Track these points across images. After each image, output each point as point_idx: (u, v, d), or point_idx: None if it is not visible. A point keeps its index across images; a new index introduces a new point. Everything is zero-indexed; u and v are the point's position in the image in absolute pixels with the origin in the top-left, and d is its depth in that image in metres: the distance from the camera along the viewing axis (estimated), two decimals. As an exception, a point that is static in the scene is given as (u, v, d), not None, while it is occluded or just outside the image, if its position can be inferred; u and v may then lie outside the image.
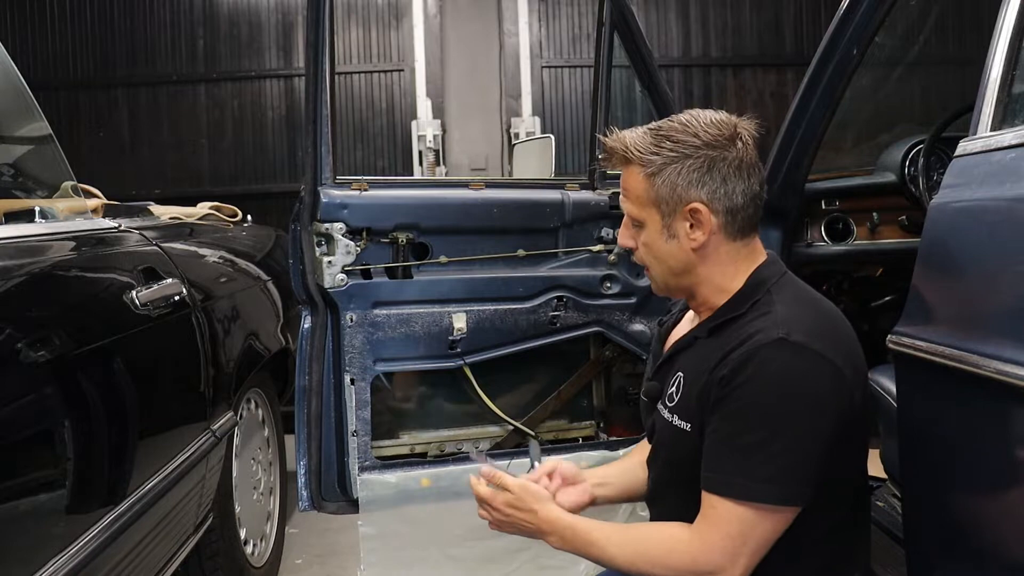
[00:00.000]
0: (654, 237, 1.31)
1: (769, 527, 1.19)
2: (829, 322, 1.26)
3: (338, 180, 1.98)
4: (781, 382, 1.18)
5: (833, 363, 1.19)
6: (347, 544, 2.80)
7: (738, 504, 1.19)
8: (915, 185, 2.36)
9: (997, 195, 1.17)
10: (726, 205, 1.27)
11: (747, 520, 1.19)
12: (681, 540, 1.24)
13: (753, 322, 1.24)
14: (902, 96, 5.44)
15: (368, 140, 5.74)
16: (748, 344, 1.20)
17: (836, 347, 1.21)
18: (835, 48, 1.94)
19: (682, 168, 1.26)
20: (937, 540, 1.33)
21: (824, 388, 1.19)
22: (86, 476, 1.45)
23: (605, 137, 1.34)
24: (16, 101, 1.80)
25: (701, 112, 1.30)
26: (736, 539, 1.19)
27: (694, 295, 1.35)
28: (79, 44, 5.70)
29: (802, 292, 1.31)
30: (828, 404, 1.19)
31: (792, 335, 1.19)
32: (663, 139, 1.28)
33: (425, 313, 2.03)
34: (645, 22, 5.69)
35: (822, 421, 1.18)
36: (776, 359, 1.18)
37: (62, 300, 1.56)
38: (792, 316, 1.22)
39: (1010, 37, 1.27)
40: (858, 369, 1.25)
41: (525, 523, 1.35)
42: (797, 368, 1.18)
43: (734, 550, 1.19)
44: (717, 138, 1.26)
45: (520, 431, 2.17)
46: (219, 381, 2.13)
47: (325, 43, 1.90)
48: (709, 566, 1.21)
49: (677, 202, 1.27)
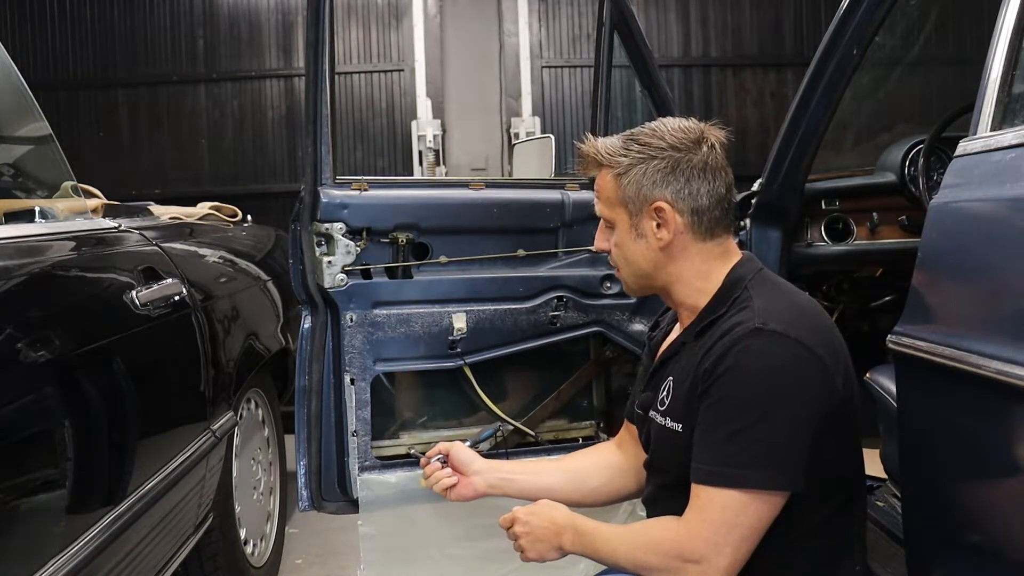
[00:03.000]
0: (624, 237, 1.37)
1: (754, 515, 1.21)
2: (806, 312, 1.30)
3: (338, 180, 1.98)
4: (760, 369, 1.21)
5: (812, 350, 1.22)
6: (347, 544, 2.80)
7: (721, 491, 1.21)
8: (915, 185, 2.36)
9: (997, 195, 1.17)
10: (691, 205, 1.31)
11: (730, 508, 1.21)
12: (669, 530, 1.26)
13: (733, 316, 1.27)
14: (902, 96, 5.44)
15: (368, 140, 5.74)
16: (728, 336, 1.24)
17: (814, 335, 1.24)
18: (835, 48, 1.94)
19: (647, 168, 1.32)
20: (937, 540, 1.33)
21: (803, 373, 1.21)
22: (86, 476, 1.45)
23: (580, 144, 1.40)
24: (16, 101, 1.80)
25: (671, 119, 1.37)
26: (720, 527, 1.21)
27: (669, 295, 1.39)
28: (79, 44, 5.70)
29: (779, 286, 1.35)
30: (808, 389, 1.21)
31: (769, 324, 1.22)
32: (631, 142, 1.34)
33: (425, 313, 2.03)
34: (645, 22, 5.69)
35: (803, 406, 1.21)
36: (755, 347, 1.21)
37: (62, 300, 1.56)
38: (770, 307, 1.26)
39: (1010, 37, 1.27)
40: (838, 357, 1.27)
41: (543, 527, 1.36)
42: (776, 355, 1.21)
43: (718, 539, 1.21)
44: (682, 140, 1.32)
45: (520, 431, 2.17)
46: (219, 381, 2.13)
47: (325, 43, 1.91)
48: (694, 555, 1.22)
49: (643, 201, 1.32)
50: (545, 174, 2.73)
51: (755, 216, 2.18)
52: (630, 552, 1.29)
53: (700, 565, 1.22)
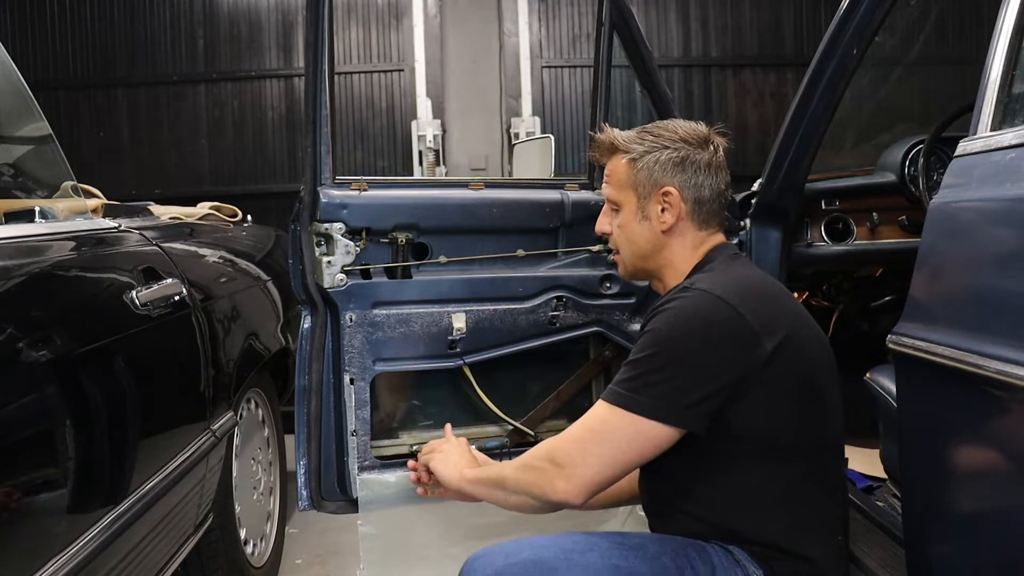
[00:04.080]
0: (629, 218, 1.48)
1: (629, 437, 1.29)
2: (751, 285, 1.38)
3: (337, 180, 1.98)
4: (675, 313, 1.32)
5: (734, 308, 1.30)
6: (347, 544, 2.80)
7: (607, 406, 1.31)
8: (915, 185, 2.36)
9: (997, 195, 1.17)
10: (694, 195, 1.45)
11: (608, 422, 1.30)
12: (551, 439, 1.38)
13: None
14: (902, 96, 5.44)
15: (368, 140, 5.74)
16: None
17: (746, 300, 1.32)
18: (835, 48, 1.94)
19: (660, 156, 1.45)
20: (937, 540, 1.33)
21: (716, 322, 1.29)
22: (86, 476, 1.45)
23: (596, 133, 1.53)
24: (16, 101, 1.80)
25: (682, 120, 1.53)
26: (594, 437, 1.31)
27: (660, 278, 1.50)
28: (79, 44, 5.70)
29: (739, 267, 1.45)
30: (720, 340, 1.29)
31: (697, 283, 1.36)
32: (646, 133, 1.48)
33: (425, 313, 2.03)
34: (645, 22, 5.69)
35: (709, 353, 1.28)
36: (677, 300, 1.34)
37: (62, 300, 1.56)
38: (710, 277, 1.38)
39: (1010, 37, 1.27)
40: (772, 325, 1.31)
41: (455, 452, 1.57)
42: (691, 304, 1.32)
43: (587, 447, 1.30)
44: (693, 137, 1.46)
45: (520, 431, 2.17)
46: (219, 381, 2.13)
47: (324, 43, 1.90)
48: (563, 457, 1.31)
49: (653, 185, 1.45)
50: (545, 174, 2.73)
51: (755, 216, 2.18)
52: (516, 470, 1.39)
53: (565, 470, 1.30)
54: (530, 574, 1.26)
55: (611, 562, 1.28)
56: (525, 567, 1.27)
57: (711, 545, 1.33)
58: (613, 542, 1.32)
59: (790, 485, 1.34)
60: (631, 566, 1.28)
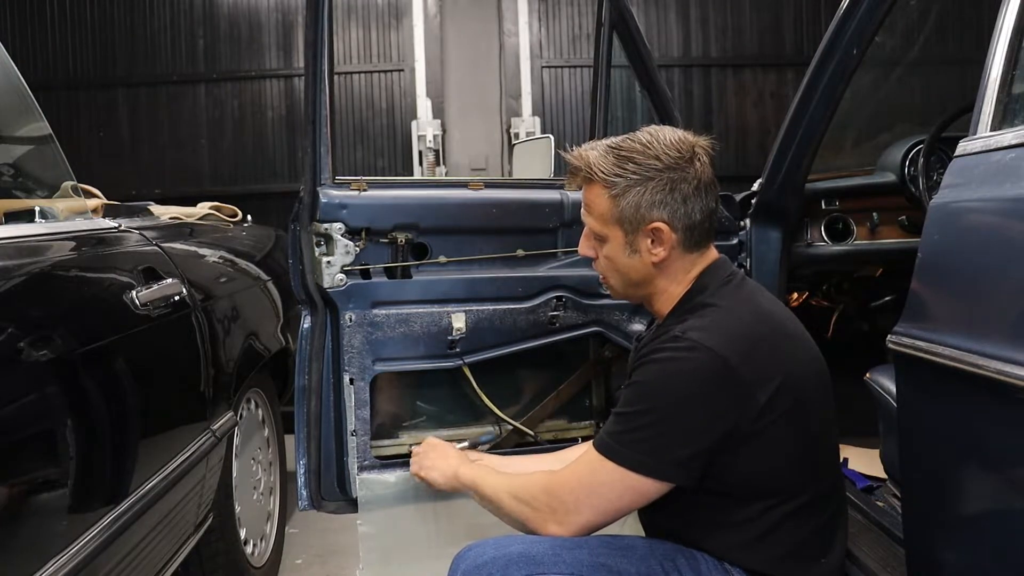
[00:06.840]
0: (616, 252, 1.41)
1: (618, 490, 1.30)
2: (746, 329, 1.32)
3: (337, 180, 1.98)
4: (665, 367, 1.29)
5: (726, 361, 1.26)
6: (347, 544, 2.80)
7: (598, 457, 1.31)
8: (915, 185, 2.36)
9: (997, 195, 1.17)
10: (685, 223, 1.36)
11: (599, 474, 1.30)
12: (546, 474, 1.39)
13: (680, 324, 1.34)
14: (902, 96, 5.43)
15: (368, 140, 5.74)
16: (659, 339, 1.35)
17: (740, 350, 1.27)
18: (835, 48, 1.94)
19: (645, 191, 1.35)
20: (937, 540, 1.33)
21: (706, 380, 1.27)
22: (86, 476, 1.45)
23: (567, 154, 1.42)
24: (16, 101, 1.80)
25: (660, 131, 1.38)
26: (585, 488, 1.32)
27: (651, 302, 1.45)
28: (79, 44, 5.70)
29: (740, 296, 1.38)
30: (709, 397, 1.27)
31: (688, 333, 1.30)
32: (626, 160, 1.35)
33: (424, 313, 2.03)
34: (645, 22, 5.70)
35: (699, 411, 1.27)
36: (668, 350, 1.30)
37: (62, 300, 1.56)
38: (701, 325, 1.31)
39: (1010, 37, 1.27)
40: (766, 373, 1.29)
41: (441, 453, 1.65)
42: (681, 360, 1.28)
43: (580, 497, 1.32)
44: (677, 160, 1.35)
45: (519, 431, 2.17)
46: (219, 381, 2.13)
47: (324, 43, 1.90)
48: (556, 503, 1.34)
49: (640, 221, 1.36)
50: (545, 174, 2.73)
51: (755, 216, 2.18)
52: (512, 498, 1.40)
53: (557, 515, 1.33)
54: (516, 565, 1.28)
55: (599, 560, 1.30)
56: (512, 559, 1.29)
57: (702, 554, 1.34)
58: (604, 542, 1.34)
59: (786, 518, 1.33)
60: (618, 565, 1.30)
